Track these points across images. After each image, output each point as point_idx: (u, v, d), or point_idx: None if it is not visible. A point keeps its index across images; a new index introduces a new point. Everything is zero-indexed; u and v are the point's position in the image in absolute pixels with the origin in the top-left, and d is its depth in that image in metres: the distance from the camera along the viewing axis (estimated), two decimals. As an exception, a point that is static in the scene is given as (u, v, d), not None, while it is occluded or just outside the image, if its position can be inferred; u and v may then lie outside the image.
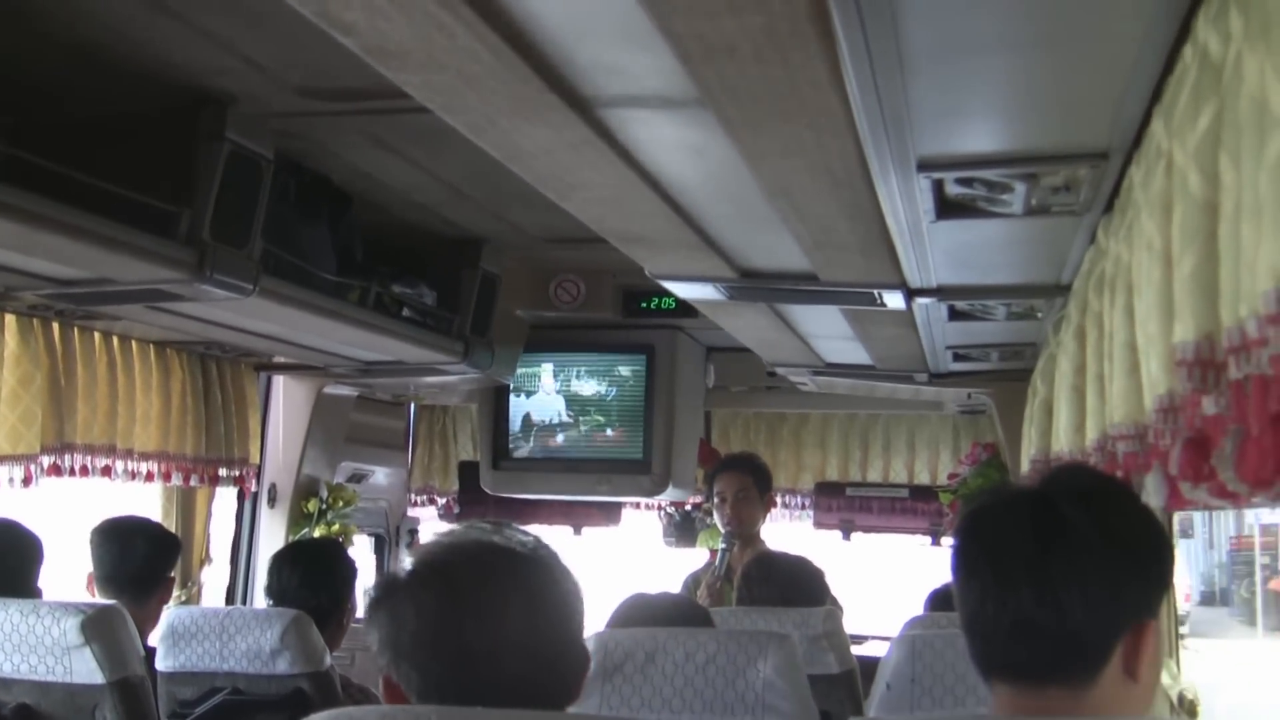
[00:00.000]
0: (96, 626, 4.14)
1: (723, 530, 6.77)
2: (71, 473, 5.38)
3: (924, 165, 2.85)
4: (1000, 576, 2.27)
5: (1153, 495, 2.26)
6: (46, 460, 5.21)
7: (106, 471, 5.58)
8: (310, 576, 5.10)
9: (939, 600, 5.97)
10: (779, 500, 8.63)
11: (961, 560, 2.38)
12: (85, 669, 4.13)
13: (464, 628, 2.28)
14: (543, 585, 2.36)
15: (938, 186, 3.00)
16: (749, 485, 6.80)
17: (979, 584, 2.31)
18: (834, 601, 5.72)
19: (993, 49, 2.25)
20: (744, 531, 6.72)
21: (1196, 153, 1.75)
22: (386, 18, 2.19)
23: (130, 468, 5.74)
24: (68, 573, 5.20)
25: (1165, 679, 3.91)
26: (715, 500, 6.87)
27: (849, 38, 2.08)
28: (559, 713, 2.31)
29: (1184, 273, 1.78)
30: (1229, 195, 1.61)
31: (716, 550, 6.81)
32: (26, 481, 5.07)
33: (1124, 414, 2.59)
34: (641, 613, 3.98)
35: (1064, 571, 2.19)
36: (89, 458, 5.47)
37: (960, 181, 2.97)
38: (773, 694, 3.50)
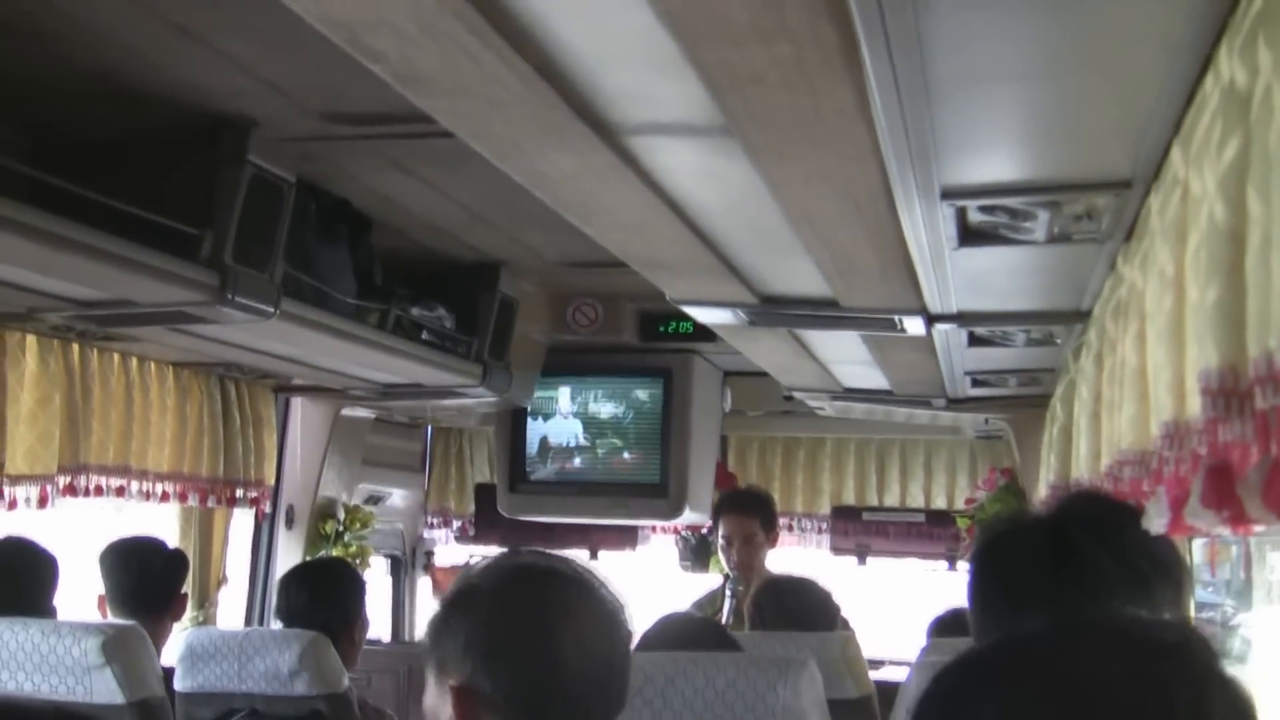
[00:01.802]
0: (117, 647, 4.16)
1: (730, 573, 6.67)
2: (86, 493, 5.37)
3: (948, 193, 2.85)
4: (1013, 603, 2.28)
5: (1154, 521, 2.26)
6: (62, 480, 5.21)
7: (120, 492, 5.58)
8: (319, 595, 5.11)
9: (943, 626, 5.96)
10: (795, 524, 8.63)
11: (977, 587, 2.40)
12: (106, 689, 4.14)
13: (555, 635, 2.39)
14: (610, 604, 2.48)
15: (961, 214, 3.01)
16: (755, 529, 6.66)
17: (993, 611, 2.33)
18: (844, 624, 5.71)
19: (1018, 78, 2.26)
20: (751, 575, 6.58)
21: (1222, 184, 1.75)
22: (417, 46, 2.20)
23: (145, 488, 5.74)
24: (79, 594, 5.22)
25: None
26: (721, 542, 6.77)
27: (877, 68, 2.08)
28: None
29: (1208, 301, 1.78)
30: (1257, 227, 1.61)
31: (726, 576, 6.75)
32: (42, 502, 5.07)
33: (1132, 440, 2.59)
34: (671, 632, 3.99)
35: (1076, 599, 2.20)
36: (104, 478, 5.47)
37: (983, 209, 2.97)
38: (792, 719, 3.49)
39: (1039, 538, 2.31)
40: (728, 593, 6.53)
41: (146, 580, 5.16)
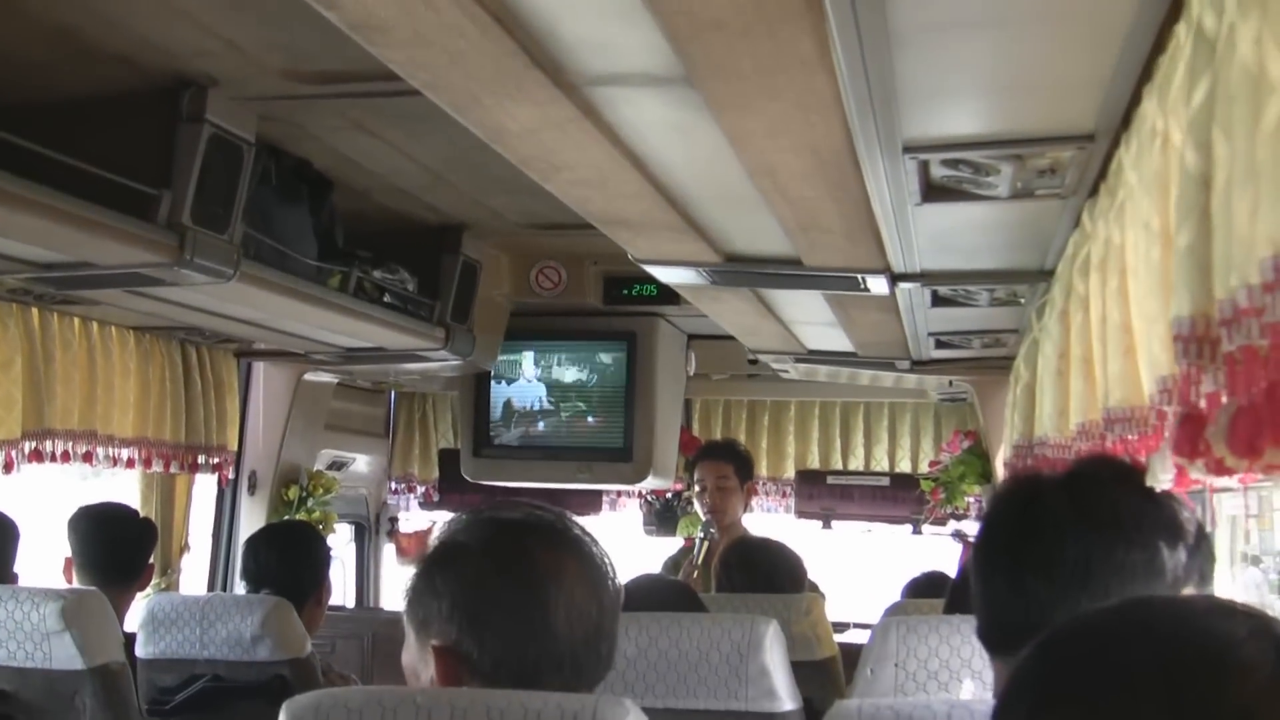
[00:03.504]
0: (76, 612, 4.13)
1: (703, 517, 6.78)
2: (53, 458, 5.34)
3: (910, 147, 2.83)
4: (988, 561, 2.30)
5: (1159, 476, 2.25)
6: (28, 446, 5.17)
7: (88, 458, 5.55)
8: (288, 557, 5.11)
9: (916, 588, 6.00)
10: (759, 488, 8.64)
11: (975, 543, 2.42)
12: (65, 655, 4.12)
13: (546, 596, 2.30)
14: (597, 561, 2.40)
15: (923, 168, 2.99)
16: (729, 473, 6.82)
17: (974, 567, 2.34)
18: (813, 587, 5.74)
19: (983, 27, 2.24)
20: (724, 520, 6.73)
21: (1191, 128, 1.74)
22: (372, -9, 2.18)
23: (111, 454, 5.71)
24: (44, 560, 5.20)
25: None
26: (695, 488, 6.89)
27: (838, 14, 2.06)
28: (564, 693, 2.29)
29: (1179, 248, 1.77)
30: (1221, 168, 1.60)
31: (694, 538, 6.82)
32: (8, 467, 5.04)
33: (1121, 397, 2.58)
34: (641, 594, 4.00)
35: (1033, 557, 2.20)
36: (70, 443, 5.43)
37: (946, 163, 2.96)
38: (757, 679, 3.50)
39: (1014, 497, 2.32)
40: (700, 535, 6.61)
41: (117, 547, 5.15)
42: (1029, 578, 2.18)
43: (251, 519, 7.04)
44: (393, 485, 9.01)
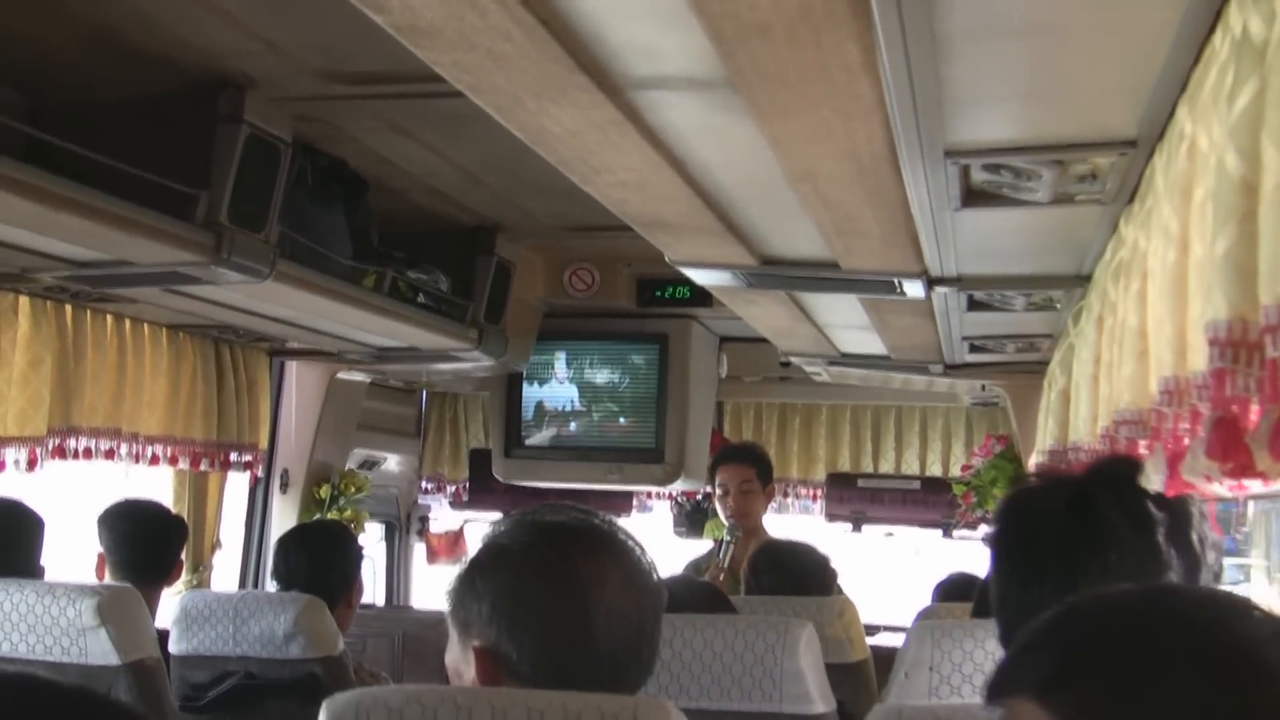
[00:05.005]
0: (112, 609, 4.15)
1: (725, 522, 6.79)
2: (75, 455, 5.35)
3: (951, 151, 2.83)
4: (1030, 564, 2.28)
5: (1153, 479, 2.25)
6: (52, 443, 5.19)
7: (110, 454, 5.55)
8: (319, 558, 5.11)
9: (946, 590, 5.98)
10: (790, 491, 8.64)
11: (996, 546, 2.39)
12: (100, 650, 4.13)
13: (586, 601, 2.30)
14: (641, 565, 2.41)
15: (964, 173, 2.99)
16: (751, 477, 6.83)
17: (1008, 569, 2.32)
18: (840, 589, 5.73)
19: (1027, 34, 2.24)
20: (749, 523, 6.74)
21: (1233, 134, 1.74)
22: (420, -4, 2.18)
23: (135, 451, 5.72)
24: (77, 555, 5.22)
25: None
26: (718, 491, 6.88)
27: (885, 21, 2.06)
28: (604, 695, 2.28)
29: (1217, 253, 1.76)
30: (1271, 175, 1.60)
31: (720, 540, 6.83)
32: (31, 465, 5.05)
33: (1131, 399, 2.58)
34: (669, 595, 3.99)
35: (1087, 562, 2.19)
36: (93, 440, 5.44)
37: (987, 168, 2.96)
38: (791, 681, 3.49)
39: (1058, 499, 2.30)
40: (725, 537, 6.62)
41: (149, 544, 5.16)
42: (1084, 586, 2.17)
43: (283, 517, 7.06)
44: (424, 485, 9.02)
